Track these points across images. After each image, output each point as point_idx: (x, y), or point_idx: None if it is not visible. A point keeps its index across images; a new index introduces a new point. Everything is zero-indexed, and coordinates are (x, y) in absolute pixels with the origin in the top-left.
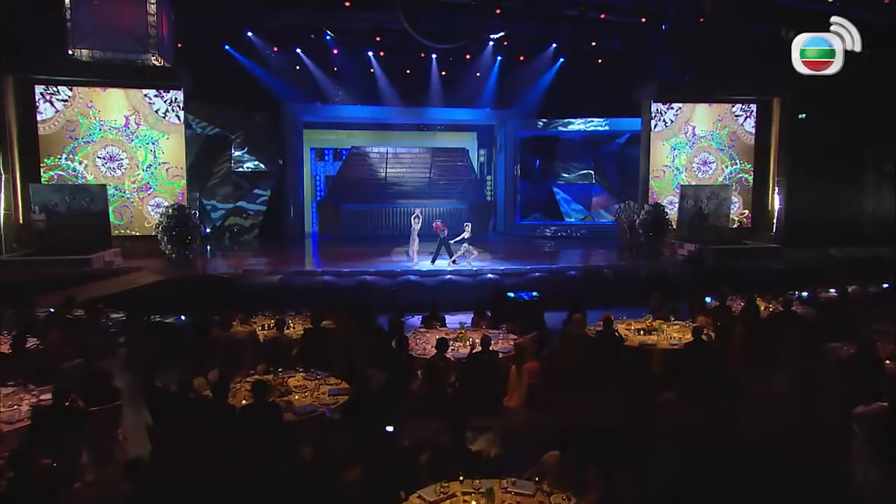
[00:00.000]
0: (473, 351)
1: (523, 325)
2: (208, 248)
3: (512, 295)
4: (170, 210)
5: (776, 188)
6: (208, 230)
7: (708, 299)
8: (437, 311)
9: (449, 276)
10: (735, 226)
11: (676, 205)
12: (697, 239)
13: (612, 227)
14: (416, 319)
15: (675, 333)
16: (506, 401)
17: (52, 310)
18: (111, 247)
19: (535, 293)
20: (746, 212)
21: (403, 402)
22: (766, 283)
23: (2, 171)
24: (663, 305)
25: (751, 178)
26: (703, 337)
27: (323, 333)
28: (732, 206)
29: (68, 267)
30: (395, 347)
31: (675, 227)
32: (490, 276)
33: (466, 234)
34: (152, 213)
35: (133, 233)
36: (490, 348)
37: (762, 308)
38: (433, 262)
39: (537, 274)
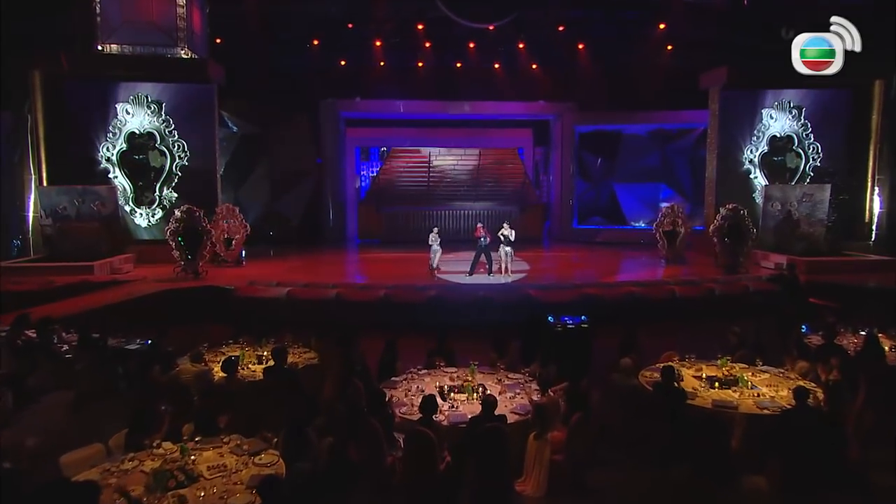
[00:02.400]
0: (473, 416)
1: (562, 365)
2: (243, 252)
3: (552, 319)
4: (179, 213)
5: (875, 188)
6: None
7: (803, 328)
8: (447, 343)
9: (484, 293)
10: None
11: None
12: (785, 249)
13: None
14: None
15: (764, 388)
16: (519, 484)
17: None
18: (123, 252)
19: (583, 317)
20: None
21: (371, 483)
22: (882, 309)
23: (33, 172)
24: (746, 342)
25: None
26: (810, 400)
27: (285, 377)
28: None
29: (69, 275)
30: (368, 405)
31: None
32: (532, 292)
33: (506, 232)
34: None
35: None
36: (496, 412)
37: (887, 348)
38: (471, 273)
39: (590, 291)
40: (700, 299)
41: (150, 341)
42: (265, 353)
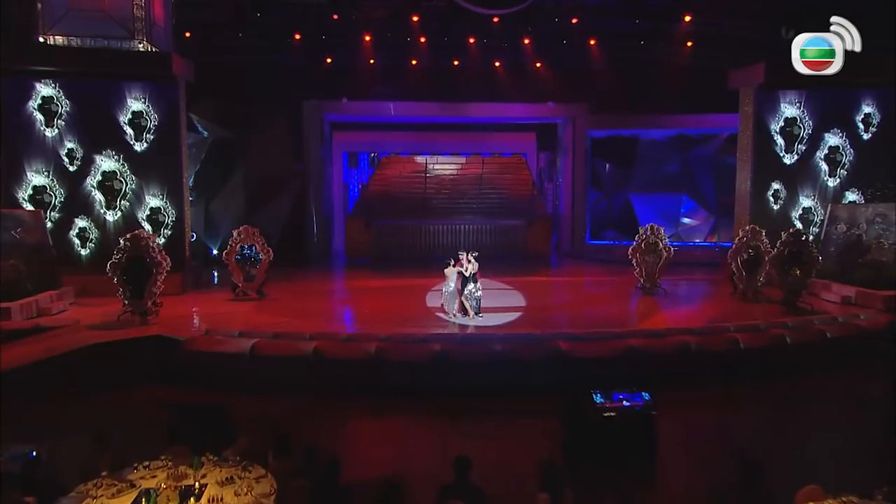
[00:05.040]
0: None
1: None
2: (215, 274)
3: (601, 400)
4: (122, 241)
5: None
6: (215, 251)
7: None
8: (469, 474)
9: (502, 347)
10: None
11: None
12: (851, 279)
13: (708, 252)
14: None
15: None
16: None
17: None
18: (56, 287)
19: (645, 395)
20: None
21: None
22: None
23: None
24: None
25: None
26: None
27: None
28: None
29: None
30: None
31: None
32: (563, 345)
33: (470, 266)
34: None
35: None
36: None
37: None
38: (461, 313)
39: (635, 342)
40: (769, 350)
41: (33, 454)
42: (197, 484)
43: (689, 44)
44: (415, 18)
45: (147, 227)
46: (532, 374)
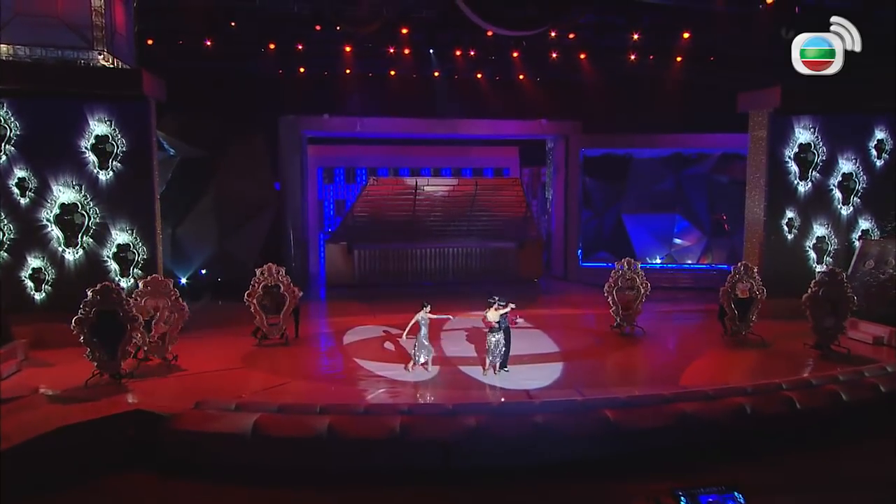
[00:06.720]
0: None
1: None
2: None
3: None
4: (91, 293)
5: None
6: (184, 281)
7: None
8: None
9: (543, 419)
10: None
11: None
12: (879, 316)
13: (703, 274)
14: None
15: None
16: None
17: None
18: (7, 342)
19: (738, 496)
20: None
21: None
22: None
23: None
24: None
25: None
26: None
27: None
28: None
29: None
30: None
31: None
32: (610, 414)
33: (489, 312)
34: None
35: None
36: None
37: None
38: (502, 366)
39: (687, 407)
40: (827, 411)
41: None
42: None
43: (679, 59)
44: (404, 31)
45: (114, 265)
46: (580, 448)
